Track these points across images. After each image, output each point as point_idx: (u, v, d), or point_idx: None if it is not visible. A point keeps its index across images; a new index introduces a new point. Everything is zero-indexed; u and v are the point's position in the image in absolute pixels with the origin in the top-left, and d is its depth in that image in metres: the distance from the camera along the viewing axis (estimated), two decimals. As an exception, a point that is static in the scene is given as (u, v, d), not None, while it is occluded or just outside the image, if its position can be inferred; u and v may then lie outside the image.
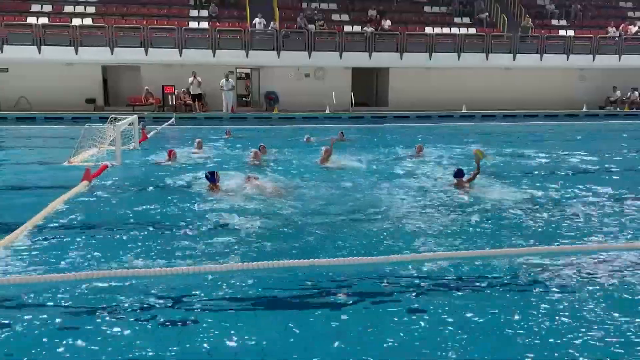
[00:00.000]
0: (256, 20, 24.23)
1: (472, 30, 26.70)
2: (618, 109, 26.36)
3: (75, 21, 23.14)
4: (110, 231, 6.81)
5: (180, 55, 22.91)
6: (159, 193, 8.92)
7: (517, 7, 28.27)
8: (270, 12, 25.35)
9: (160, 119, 20.35)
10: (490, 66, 25.60)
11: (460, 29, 26.71)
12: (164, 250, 6.07)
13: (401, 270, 5.56)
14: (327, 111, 23.26)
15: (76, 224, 7.05)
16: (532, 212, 7.84)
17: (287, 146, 14.31)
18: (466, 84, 25.56)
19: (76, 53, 22.20)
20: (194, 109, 23.06)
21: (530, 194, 8.84)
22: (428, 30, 26.09)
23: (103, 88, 24.20)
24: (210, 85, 23.17)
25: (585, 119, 24.09)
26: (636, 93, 26.73)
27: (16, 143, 16.32)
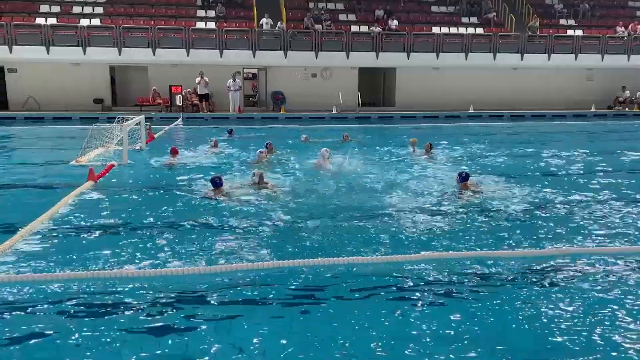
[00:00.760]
0: (263, 20, 24.25)
1: (480, 30, 26.58)
2: (627, 109, 26.16)
3: (83, 21, 23.26)
4: (115, 231, 6.83)
5: (188, 56, 22.96)
6: (164, 193, 8.93)
7: (525, 7, 28.12)
8: (277, 13, 25.37)
9: (168, 119, 20.40)
10: (498, 66, 25.47)
11: (468, 28, 26.61)
12: (168, 251, 6.08)
13: (402, 271, 5.55)
14: (334, 111, 23.24)
15: (81, 224, 7.07)
16: (537, 214, 7.80)
17: (291, 146, 14.26)
18: (473, 84, 25.45)
19: (84, 53, 22.31)
20: (201, 109, 23.11)
21: (536, 196, 8.78)
22: (435, 30, 26.01)
23: (111, 88, 24.31)
24: (217, 85, 23.20)
25: (594, 119, 23.92)
26: (645, 93, 26.55)
27: (24, 143, 16.43)
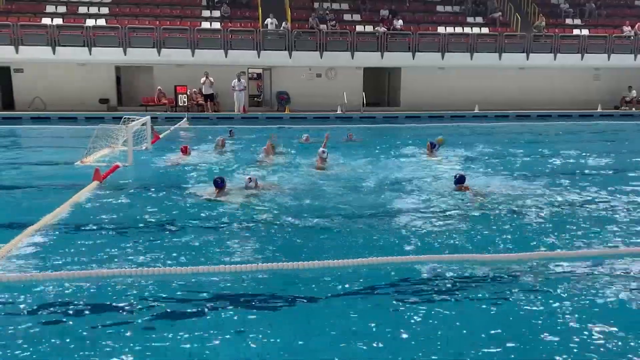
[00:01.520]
0: (268, 20, 24.27)
1: (485, 30, 26.49)
2: (634, 109, 26.01)
3: (89, 22, 23.35)
4: (119, 231, 6.84)
5: (193, 56, 23.01)
6: (169, 194, 8.94)
7: (531, 6, 28.00)
8: (282, 12, 25.37)
9: (173, 119, 20.45)
10: (504, 66, 25.38)
11: (473, 28, 26.52)
12: (173, 251, 6.09)
13: (403, 271, 5.55)
14: (339, 111, 23.23)
15: (86, 224, 7.09)
16: (539, 215, 7.77)
17: (293, 146, 14.23)
18: (479, 84, 25.37)
19: (90, 53, 22.38)
20: (206, 109, 23.16)
21: (536, 197, 8.75)
22: (440, 29, 25.94)
23: (116, 88, 24.39)
24: (222, 85, 23.25)
25: (600, 119, 23.80)
26: (652, 93, 26.40)
27: (30, 143, 16.51)
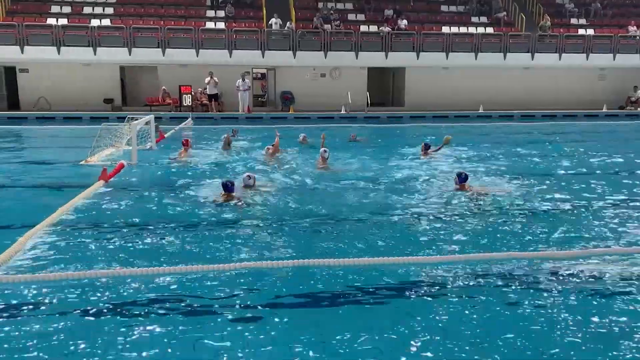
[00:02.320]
0: (272, 20, 24.28)
1: (490, 30, 26.43)
2: (639, 109, 25.89)
3: (94, 22, 23.41)
4: (124, 230, 6.85)
5: (197, 56, 23.04)
6: (173, 193, 8.94)
7: (536, 6, 27.93)
8: (286, 13, 25.38)
9: (177, 119, 20.48)
10: (508, 66, 25.32)
11: (478, 28, 26.46)
12: (177, 250, 6.09)
13: (404, 272, 5.53)
14: (343, 111, 23.22)
15: (91, 223, 7.09)
16: (536, 216, 7.74)
17: (292, 146, 14.15)
18: (483, 84, 25.31)
19: (95, 53, 22.45)
20: (210, 109, 23.19)
21: (540, 197, 8.72)
22: (445, 29, 25.90)
23: (121, 88, 24.45)
24: (226, 85, 23.26)
25: (605, 119, 23.71)
26: (658, 93, 26.27)
27: (35, 142, 16.57)
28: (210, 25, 24.71)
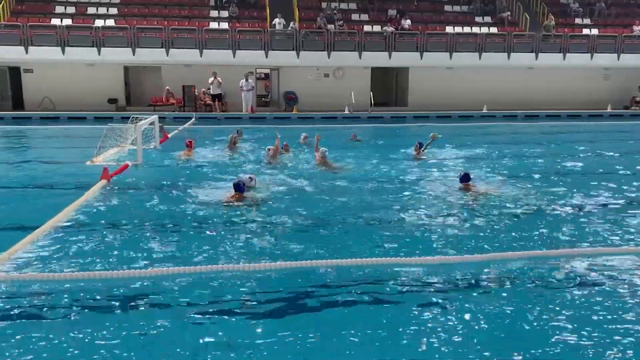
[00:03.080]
0: (276, 20, 24.28)
1: (494, 30, 26.38)
2: (644, 109, 25.84)
3: (98, 22, 23.47)
4: (128, 230, 6.86)
5: (201, 56, 23.06)
6: (178, 193, 8.96)
7: (540, 6, 27.86)
8: (290, 13, 25.38)
9: (181, 119, 20.49)
10: (512, 66, 25.25)
11: (482, 28, 26.42)
12: (182, 250, 6.09)
13: (404, 273, 5.53)
14: (346, 111, 23.20)
15: (96, 223, 7.11)
16: (539, 215, 7.73)
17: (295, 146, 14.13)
18: (487, 84, 25.25)
19: (99, 54, 22.48)
20: (214, 109, 23.20)
21: (541, 197, 8.72)
22: (449, 29, 25.86)
23: (125, 88, 24.49)
24: (230, 85, 23.27)
25: (610, 119, 23.63)
26: (663, 93, 26.17)
27: (40, 142, 16.60)
28: (213, 25, 24.74)
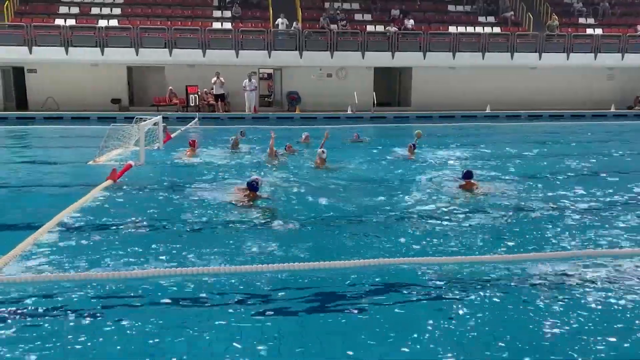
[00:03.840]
0: (279, 20, 24.30)
1: (497, 30, 26.35)
2: (648, 109, 25.76)
3: (102, 22, 23.53)
4: (131, 230, 6.87)
5: (204, 56, 23.09)
6: (181, 193, 8.97)
7: (543, 6, 27.80)
8: (293, 13, 25.39)
9: (184, 119, 20.52)
10: (516, 66, 25.21)
11: (485, 28, 26.39)
12: (185, 250, 6.10)
13: (405, 273, 5.53)
14: (349, 111, 23.20)
15: (99, 223, 7.12)
16: (543, 215, 7.72)
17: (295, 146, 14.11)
18: (490, 84, 25.23)
19: (102, 54, 22.55)
20: (217, 109, 23.23)
21: (543, 197, 8.70)
22: (452, 29, 25.83)
23: (128, 88, 24.54)
24: (233, 85, 23.30)
25: (614, 119, 23.55)
26: (667, 93, 26.08)
27: (43, 142, 16.64)
28: (217, 25, 24.77)
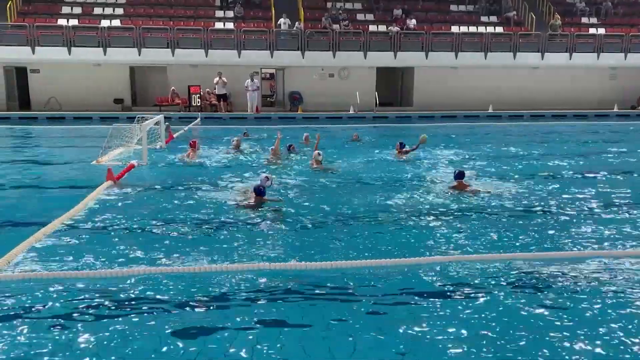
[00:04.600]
0: (281, 20, 24.30)
1: (499, 29, 26.30)
2: (650, 108, 25.69)
3: (104, 23, 23.56)
4: (133, 230, 6.88)
5: (206, 56, 23.11)
6: (183, 193, 8.98)
7: (546, 5, 27.75)
8: (295, 13, 25.40)
9: (186, 119, 20.54)
10: (518, 65, 25.18)
11: (487, 27, 26.34)
12: (186, 250, 6.10)
13: (404, 273, 5.54)
14: (351, 111, 23.19)
15: (101, 223, 7.14)
16: (534, 215, 7.72)
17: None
18: (493, 84, 25.19)
19: (105, 54, 22.58)
20: (219, 109, 23.24)
21: (535, 197, 8.71)
22: (454, 29, 25.79)
23: (130, 88, 24.57)
24: (235, 85, 23.31)
25: (616, 119, 23.50)
26: (670, 92, 26.00)
27: (46, 142, 16.67)
28: (219, 25, 24.77)
